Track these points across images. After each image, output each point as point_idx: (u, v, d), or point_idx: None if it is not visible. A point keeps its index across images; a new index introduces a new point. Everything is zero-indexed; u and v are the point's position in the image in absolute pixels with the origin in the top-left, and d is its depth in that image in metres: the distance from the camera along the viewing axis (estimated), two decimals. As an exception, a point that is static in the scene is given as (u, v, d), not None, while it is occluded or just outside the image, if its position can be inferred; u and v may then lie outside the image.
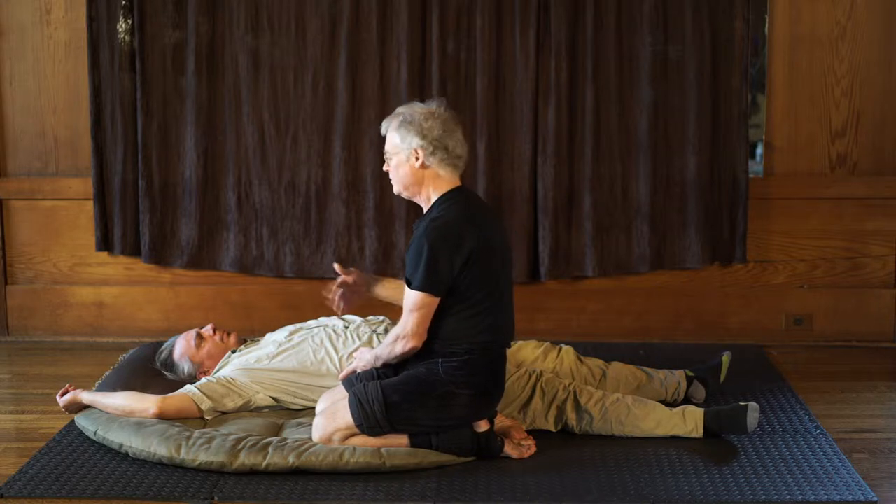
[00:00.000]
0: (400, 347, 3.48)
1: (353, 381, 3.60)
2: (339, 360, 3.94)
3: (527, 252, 4.98)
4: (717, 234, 4.98)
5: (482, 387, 3.51)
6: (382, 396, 3.49)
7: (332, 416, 3.57)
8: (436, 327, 3.48)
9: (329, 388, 3.83)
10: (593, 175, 4.92)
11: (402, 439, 3.56)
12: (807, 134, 4.97)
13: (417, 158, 3.47)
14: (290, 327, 4.20)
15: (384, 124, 3.56)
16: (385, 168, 3.58)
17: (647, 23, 4.82)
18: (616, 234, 4.98)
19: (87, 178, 5.06)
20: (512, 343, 3.68)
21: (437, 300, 3.42)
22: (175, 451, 3.52)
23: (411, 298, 3.42)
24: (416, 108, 3.51)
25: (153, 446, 3.56)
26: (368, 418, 3.51)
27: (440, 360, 3.47)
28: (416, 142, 3.46)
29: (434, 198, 3.51)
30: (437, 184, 3.50)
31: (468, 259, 3.40)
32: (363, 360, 3.64)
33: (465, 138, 3.54)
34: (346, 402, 3.55)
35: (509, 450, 3.61)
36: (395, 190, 3.59)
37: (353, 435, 3.55)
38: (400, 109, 3.55)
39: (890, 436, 3.90)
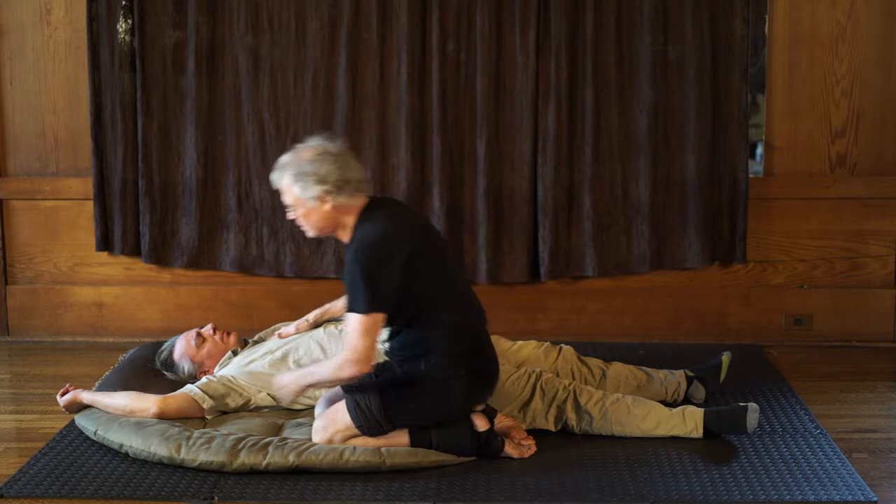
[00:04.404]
0: (348, 372, 3.41)
1: (353, 386, 3.60)
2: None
3: (527, 252, 4.98)
4: (717, 234, 4.98)
5: (473, 371, 3.52)
6: (379, 398, 3.49)
7: (331, 419, 3.58)
8: (405, 337, 3.49)
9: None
10: (593, 175, 4.92)
11: (403, 438, 3.57)
12: (807, 134, 4.97)
13: (325, 202, 3.43)
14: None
15: (275, 178, 3.50)
16: (291, 217, 3.54)
17: (647, 23, 4.82)
18: (616, 234, 4.98)
19: (87, 178, 5.06)
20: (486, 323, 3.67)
21: (382, 318, 3.40)
22: (175, 451, 3.52)
23: (358, 323, 3.37)
24: (303, 155, 3.46)
25: (153, 446, 3.56)
26: (368, 419, 3.51)
27: (422, 362, 3.47)
28: (318, 189, 3.41)
29: (351, 223, 3.49)
30: (350, 211, 3.47)
31: (405, 267, 3.38)
32: (286, 384, 3.57)
33: (357, 159, 3.53)
34: (344, 405, 3.56)
35: (509, 449, 3.61)
36: (311, 234, 3.56)
37: (354, 436, 3.55)
38: (286, 160, 3.49)
39: (890, 436, 3.90)
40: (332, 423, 3.56)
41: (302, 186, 3.43)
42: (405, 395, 3.50)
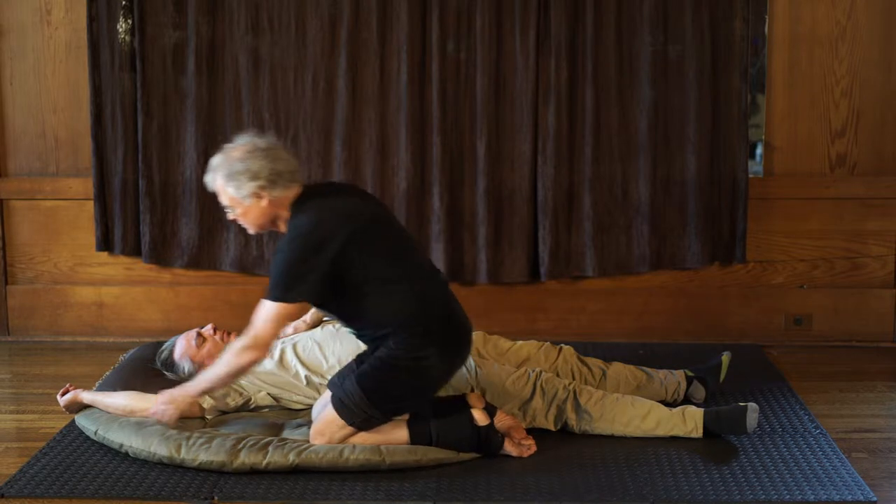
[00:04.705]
0: (245, 358, 3.42)
1: (337, 382, 3.60)
2: (338, 359, 3.94)
3: (527, 252, 4.98)
4: (717, 234, 4.99)
5: (442, 339, 3.49)
6: (359, 388, 3.48)
7: (325, 421, 3.57)
8: (367, 321, 3.47)
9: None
10: (593, 175, 4.92)
11: (402, 433, 3.57)
12: (806, 134, 4.97)
13: (261, 198, 3.44)
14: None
15: (208, 181, 3.51)
16: (231, 217, 3.55)
17: (647, 23, 4.82)
18: (616, 234, 4.98)
19: (87, 178, 5.07)
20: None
21: (293, 308, 3.40)
22: (175, 451, 3.52)
23: (266, 310, 3.39)
24: (233, 154, 3.47)
25: (153, 446, 3.56)
26: (356, 413, 3.51)
27: (390, 342, 3.45)
28: (252, 186, 3.42)
29: (286, 215, 3.49)
30: (286, 202, 3.48)
31: (339, 254, 3.36)
32: (174, 398, 3.58)
33: (287, 150, 3.53)
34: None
35: (509, 447, 3.62)
36: (252, 231, 3.57)
37: (352, 434, 3.56)
38: (216, 161, 3.49)
39: (889, 436, 3.90)
40: (326, 426, 3.57)
41: (235, 186, 3.44)
42: (383, 379, 3.48)
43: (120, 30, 4.91)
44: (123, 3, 4.89)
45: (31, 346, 5.14)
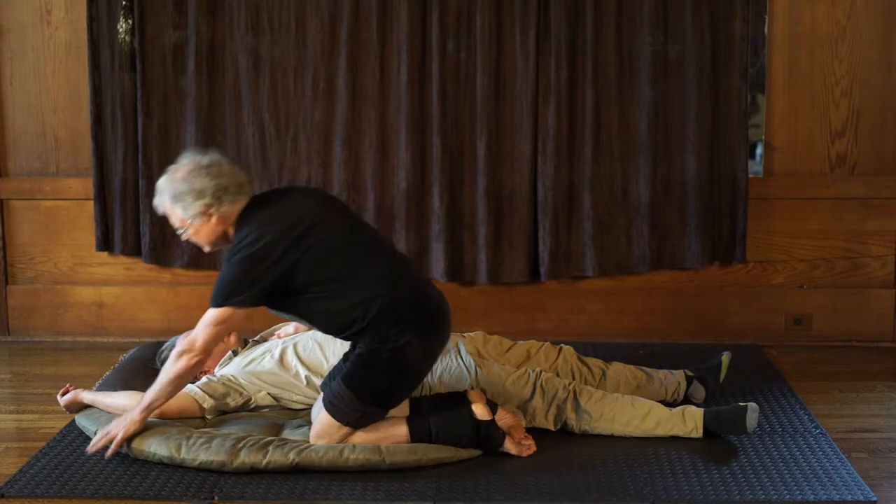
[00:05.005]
0: (184, 363, 3.45)
1: (326, 384, 3.60)
2: (339, 359, 3.94)
3: (527, 252, 4.98)
4: (717, 234, 4.99)
5: (417, 326, 3.47)
6: (346, 388, 3.48)
7: (322, 423, 3.57)
8: (330, 320, 3.47)
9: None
10: (593, 175, 4.92)
11: (402, 429, 3.57)
12: (806, 134, 4.97)
13: (210, 216, 3.45)
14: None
15: (157, 205, 3.52)
16: (185, 238, 3.56)
17: (647, 23, 4.82)
18: (616, 234, 4.98)
19: (87, 178, 5.07)
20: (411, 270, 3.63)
21: (234, 314, 3.42)
22: (175, 451, 3.52)
23: (207, 315, 3.42)
24: (176, 175, 3.47)
25: (153, 446, 3.56)
26: (348, 413, 3.51)
27: (366, 337, 3.44)
28: (198, 205, 3.43)
29: (233, 230, 3.50)
30: (233, 217, 3.49)
31: (287, 259, 3.37)
32: (123, 424, 3.55)
33: (231, 163, 3.52)
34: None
35: (509, 446, 3.61)
36: (207, 249, 3.59)
37: (350, 433, 3.56)
38: (161, 184, 3.50)
39: (889, 436, 3.90)
40: (324, 429, 3.57)
41: (182, 207, 3.45)
42: (367, 375, 3.47)
43: (120, 30, 4.91)
44: (123, 3, 4.89)
45: (31, 346, 5.14)
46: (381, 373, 3.47)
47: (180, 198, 3.44)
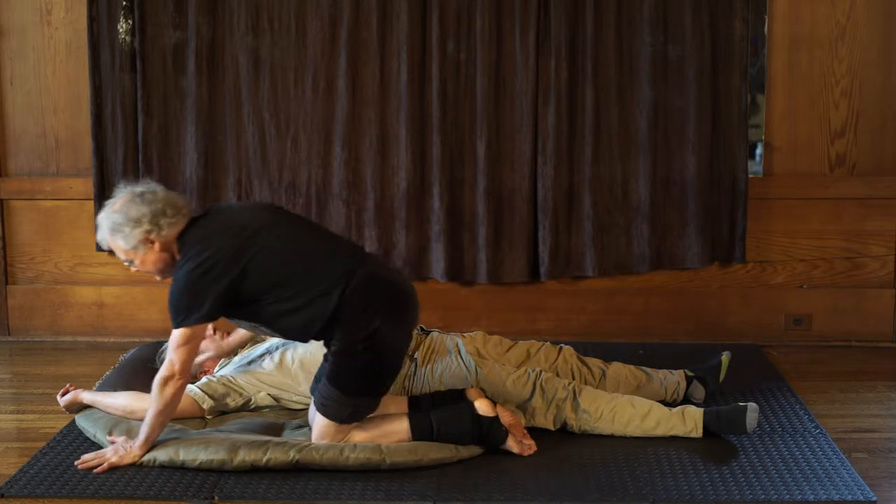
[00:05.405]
0: (169, 389, 3.46)
1: (314, 387, 3.59)
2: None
3: (527, 252, 4.98)
4: (717, 234, 4.99)
5: (385, 309, 3.46)
6: (331, 387, 3.48)
7: (321, 427, 3.57)
8: (298, 321, 3.44)
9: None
10: (593, 175, 4.92)
11: (403, 425, 3.58)
12: (806, 134, 4.97)
13: (153, 242, 3.46)
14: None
15: (100, 240, 3.54)
16: (134, 270, 3.56)
17: (647, 23, 4.82)
18: (616, 234, 4.98)
19: (87, 178, 5.07)
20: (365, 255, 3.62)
21: (199, 330, 3.44)
22: (174, 455, 3.52)
23: (174, 337, 3.42)
24: (113, 207, 3.48)
25: (152, 453, 3.55)
26: (339, 410, 3.51)
27: (337, 334, 3.44)
28: (138, 233, 3.44)
29: (176, 250, 3.50)
30: (174, 239, 3.49)
31: (231, 270, 3.38)
32: (131, 451, 3.54)
33: (165, 188, 3.54)
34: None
35: (511, 443, 3.61)
36: (159, 278, 3.58)
37: (350, 429, 3.56)
38: (100, 219, 3.51)
39: (889, 436, 3.90)
40: (323, 431, 3.57)
41: (123, 237, 3.46)
42: (348, 369, 3.47)
43: (120, 30, 4.92)
44: (124, 3, 4.89)
45: (32, 346, 5.15)
46: (360, 364, 3.47)
47: (119, 228, 3.45)
